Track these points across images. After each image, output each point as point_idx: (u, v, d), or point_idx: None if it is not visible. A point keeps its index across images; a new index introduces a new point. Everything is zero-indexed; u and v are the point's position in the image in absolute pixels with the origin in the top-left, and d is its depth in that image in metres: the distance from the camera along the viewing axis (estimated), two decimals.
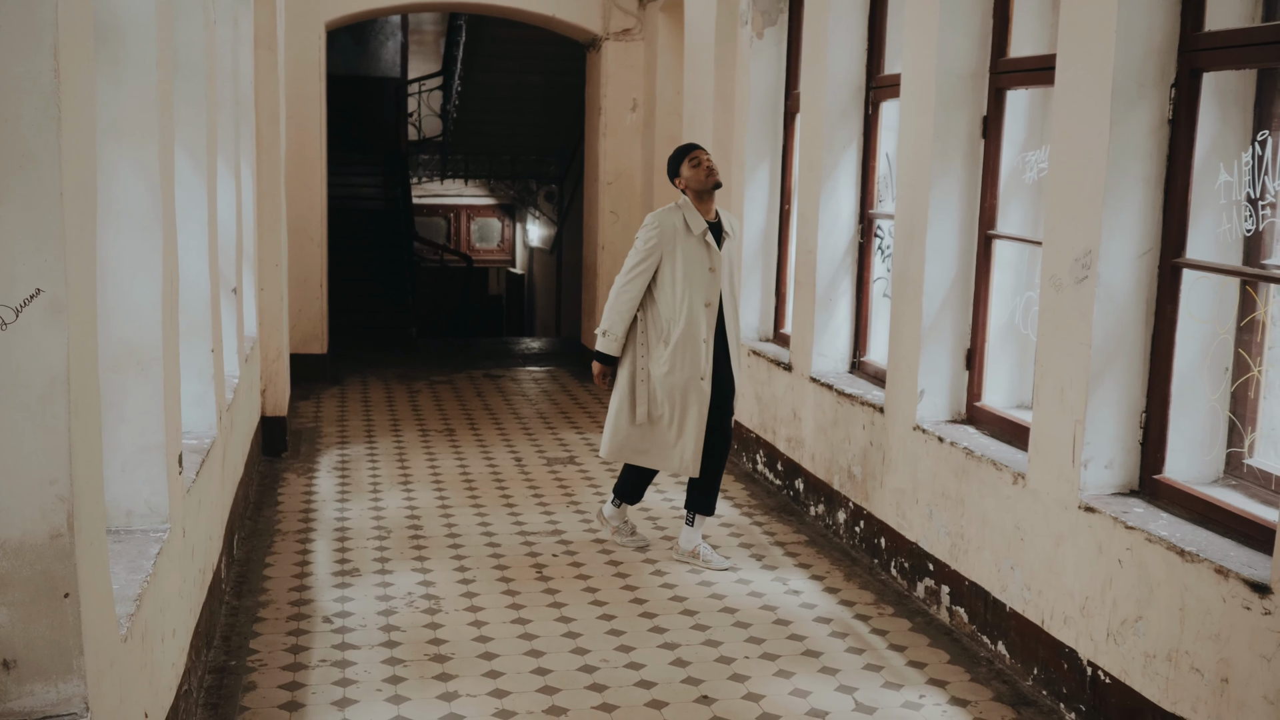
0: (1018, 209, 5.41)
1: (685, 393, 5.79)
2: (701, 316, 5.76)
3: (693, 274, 5.74)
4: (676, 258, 5.75)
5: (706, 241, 5.76)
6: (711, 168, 5.76)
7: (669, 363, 5.78)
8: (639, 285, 5.80)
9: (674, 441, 5.85)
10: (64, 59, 2.45)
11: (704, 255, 5.76)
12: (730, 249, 5.88)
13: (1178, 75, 4.15)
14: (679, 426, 5.82)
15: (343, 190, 15.39)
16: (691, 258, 5.74)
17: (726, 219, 5.91)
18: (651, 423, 5.86)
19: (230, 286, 6.25)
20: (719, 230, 5.84)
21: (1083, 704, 4.31)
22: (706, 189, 5.76)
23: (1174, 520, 4.06)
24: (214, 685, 4.55)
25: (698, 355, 5.77)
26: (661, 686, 4.61)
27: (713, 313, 5.77)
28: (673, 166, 5.85)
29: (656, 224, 5.79)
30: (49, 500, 2.49)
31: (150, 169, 3.66)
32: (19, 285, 2.42)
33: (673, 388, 5.80)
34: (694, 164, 5.76)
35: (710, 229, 5.80)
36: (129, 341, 3.70)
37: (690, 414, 5.81)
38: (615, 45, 11.29)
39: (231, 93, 6.31)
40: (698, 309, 5.75)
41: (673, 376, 5.78)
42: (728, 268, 5.85)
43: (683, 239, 5.75)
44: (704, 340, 5.77)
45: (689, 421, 5.80)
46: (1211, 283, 4.18)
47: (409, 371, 11.75)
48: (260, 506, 6.97)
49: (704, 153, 5.81)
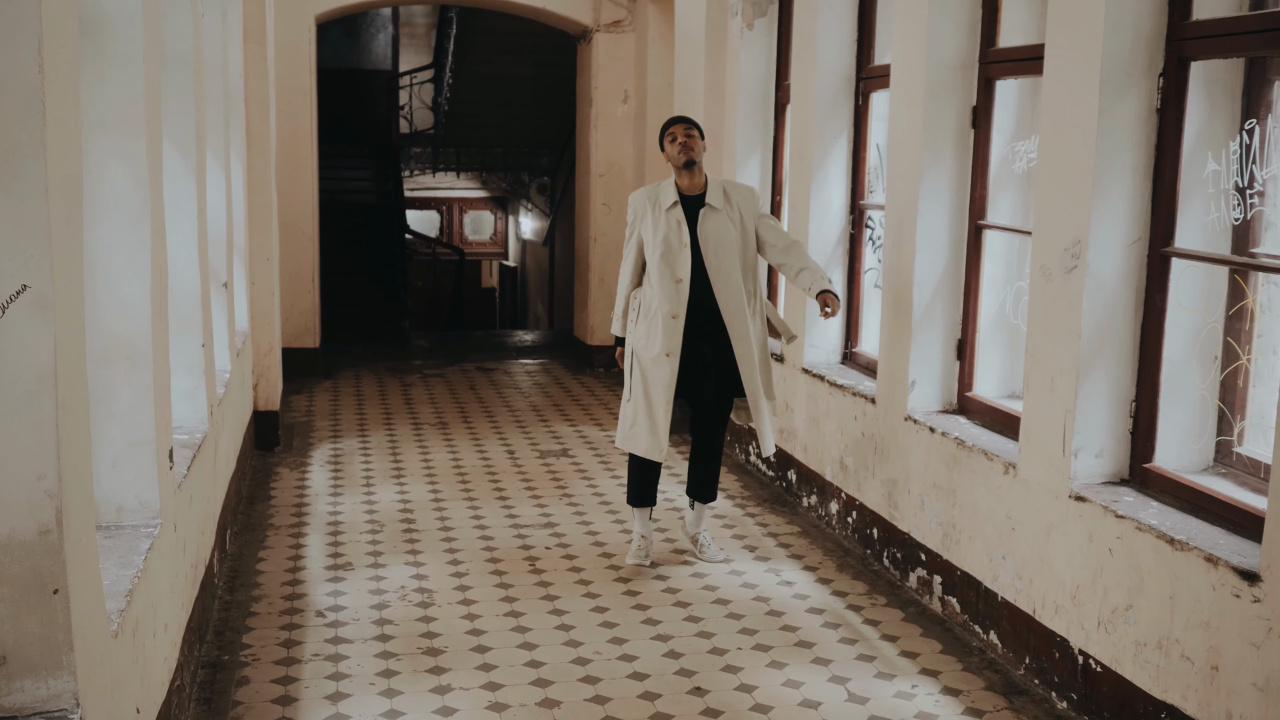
0: (1007, 199, 5.41)
1: (652, 369, 5.60)
2: (672, 291, 5.56)
3: (665, 249, 5.57)
4: (649, 233, 5.63)
5: (675, 217, 5.58)
6: (686, 143, 5.56)
7: (643, 338, 5.65)
8: (627, 265, 5.76)
9: (642, 420, 5.64)
10: (48, 53, 2.44)
11: (676, 229, 5.58)
12: (721, 222, 5.58)
13: (1166, 64, 4.15)
14: (647, 405, 5.64)
15: (334, 184, 15.35)
16: (662, 232, 5.58)
17: (720, 191, 5.63)
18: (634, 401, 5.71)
19: (221, 281, 6.25)
20: (699, 204, 5.61)
21: (1074, 692, 4.32)
22: (677, 165, 5.60)
23: (1164, 509, 4.07)
24: (207, 680, 4.55)
25: (667, 331, 5.56)
26: (654, 678, 4.62)
27: (684, 288, 5.55)
28: (660, 139, 5.74)
29: (631, 202, 5.74)
30: (37, 496, 2.49)
31: (138, 163, 3.65)
32: (4, 281, 2.41)
33: (642, 364, 5.64)
34: (670, 139, 5.62)
35: (691, 201, 5.61)
36: (118, 336, 3.69)
37: (654, 393, 5.60)
38: (606, 37, 11.28)
39: (220, 86, 6.29)
40: (668, 284, 5.56)
41: (644, 352, 5.63)
42: (722, 242, 5.57)
43: (654, 213, 5.62)
44: (673, 316, 5.55)
45: (654, 400, 5.61)
46: (1200, 271, 4.18)
47: (401, 365, 11.74)
48: (253, 501, 6.96)
49: (683, 127, 5.62)
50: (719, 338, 5.64)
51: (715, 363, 5.68)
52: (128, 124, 3.64)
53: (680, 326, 5.56)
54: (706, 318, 5.62)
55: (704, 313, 5.61)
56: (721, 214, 5.60)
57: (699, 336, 5.63)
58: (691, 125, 5.64)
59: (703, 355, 5.66)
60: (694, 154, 5.57)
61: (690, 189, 5.64)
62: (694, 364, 5.66)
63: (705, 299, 5.60)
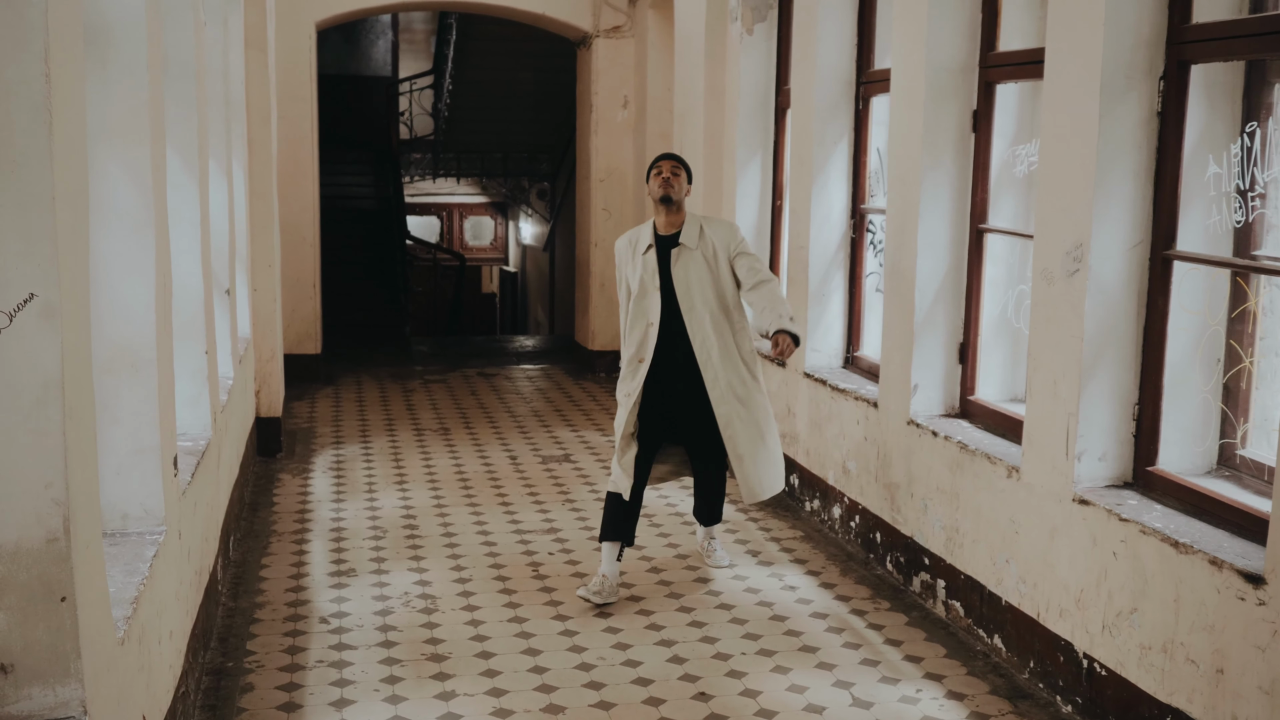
0: (1009, 203, 5.42)
1: (620, 409, 5.53)
2: (641, 335, 5.45)
3: (639, 292, 5.46)
4: (630, 277, 5.52)
5: (648, 261, 5.45)
6: (668, 180, 5.40)
7: (621, 383, 5.57)
8: (622, 315, 5.61)
9: (616, 455, 5.55)
10: (54, 62, 2.45)
11: (650, 273, 5.45)
12: (695, 262, 5.40)
13: (1166, 67, 4.16)
14: (617, 443, 5.55)
15: (335, 190, 15.37)
16: (637, 275, 5.47)
17: (696, 229, 5.45)
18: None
19: (223, 287, 6.25)
20: (673, 244, 5.44)
21: (1079, 696, 4.32)
22: (655, 199, 5.44)
23: (1168, 512, 4.08)
24: (211, 687, 4.55)
25: (632, 375, 5.48)
26: (659, 684, 4.62)
27: (653, 333, 5.40)
28: (647, 173, 5.58)
29: (616, 249, 5.66)
30: (45, 504, 2.49)
31: (141, 170, 3.66)
32: (12, 290, 2.42)
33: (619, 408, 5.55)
34: (656, 173, 5.46)
35: (666, 241, 5.46)
36: (122, 343, 3.69)
37: (621, 430, 5.49)
38: (606, 42, 11.29)
39: (222, 93, 6.30)
40: (639, 328, 5.47)
41: (621, 395, 5.54)
42: (692, 283, 5.39)
43: (632, 257, 5.52)
44: (639, 360, 5.45)
45: (619, 439, 5.51)
46: (1202, 274, 4.19)
47: (403, 370, 11.75)
48: (256, 507, 6.96)
49: (670, 164, 5.46)
50: (694, 382, 5.47)
51: (695, 402, 5.48)
52: (131, 132, 3.65)
53: (644, 370, 5.42)
54: (683, 359, 5.44)
55: (680, 354, 5.44)
56: (695, 252, 5.41)
57: (674, 378, 5.46)
58: (679, 164, 5.48)
59: (677, 395, 5.48)
60: (673, 191, 5.40)
61: (667, 228, 5.46)
62: (669, 405, 5.50)
63: (681, 340, 5.43)
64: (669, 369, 5.46)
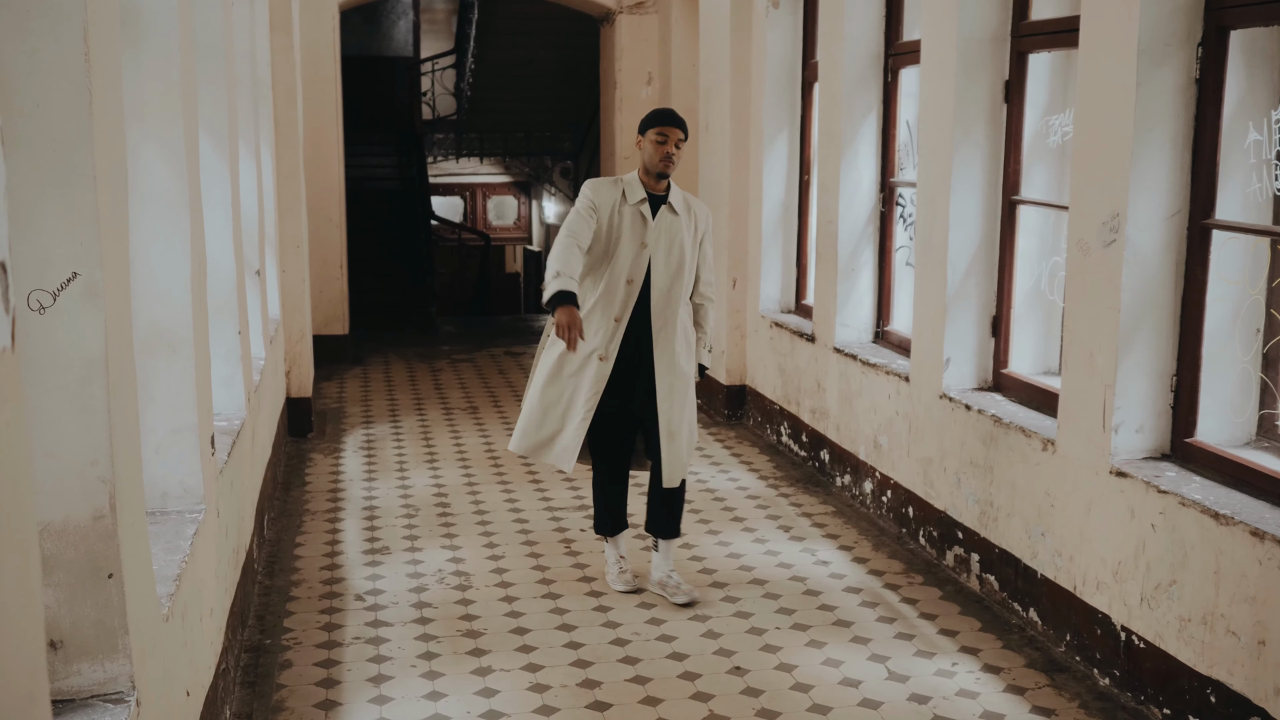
0: (1041, 174, 5.37)
1: (581, 371, 5.07)
2: (620, 292, 5.05)
3: (621, 245, 5.04)
4: (607, 224, 5.05)
5: (642, 214, 5.07)
6: (669, 155, 5.02)
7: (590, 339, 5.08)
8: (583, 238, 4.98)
9: (551, 422, 5.10)
10: (93, 43, 2.46)
11: (638, 227, 5.06)
12: (676, 228, 5.11)
13: (1204, 33, 4.11)
14: (562, 407, 5.09)
15: (359, 171, 15.39)
16: (624, 227, 5.05)
17: (683, 200, 5.18)
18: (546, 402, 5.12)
19: (254, 269, 6.27)
20: (660, 204, 5.12)
21: (1117, 669, 4.31)
22: (651, 169, 5.08)
23: (1207, 483, 4.05)
24: (250, 664, 4.59)
25: (605, 332, 5.05)
26: (694, 659, 4.63)
27: (633, 290, 5.04)
28: (642, 125, 5.10)
29: (590, 187, 5.13)
30: (91, 482, 2.51)
31: (175, 152, 3.67)
32: (56, 269, 2.43)
33: (567, 360, 5.07)
34: (658, 140, 5.03)
35: (652, 201, 5.12)
36: (159, 324, 3.71)
37: (577, 396, 5.06)
38: (629, 19, 11.24)
39: (249, 75, 6.31)
40: (618, 282, 5.05)
41: (568, 352, 4.98)
42: (673, 246, 5.09)
43: (619, 206, 5.06)
44: (615, 319, 5.04)
45: (574, 405, 5.07)
46: (1242, 243, 4.14)
47: (430, 350, 11.78)
48: (288, 487, 7.01)
49: (675, 133, 5.03)
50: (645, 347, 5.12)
51: (646, 374, 5.12)
52: (164, 113, 3.65)
53: (621, 330, 5.06)
54: (643, 325, 5.10)
55: (641, 320, 5.10)
56: (679, 219, 5.13)
57: (634, 343, 5.11)
58: (681, 132, 5.05)
59: (634, 363, 5.11)
60: (672, 167, 5.08)
61: (655, 188, 5.14)
62: (630, 371, 5.11)
63: (643, 305, 5.10)
64: (641, 333, 5.10)
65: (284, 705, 4.25)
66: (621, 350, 5.10)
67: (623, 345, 5.10)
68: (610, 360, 5.06)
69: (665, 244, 5.10)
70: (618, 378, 5.11)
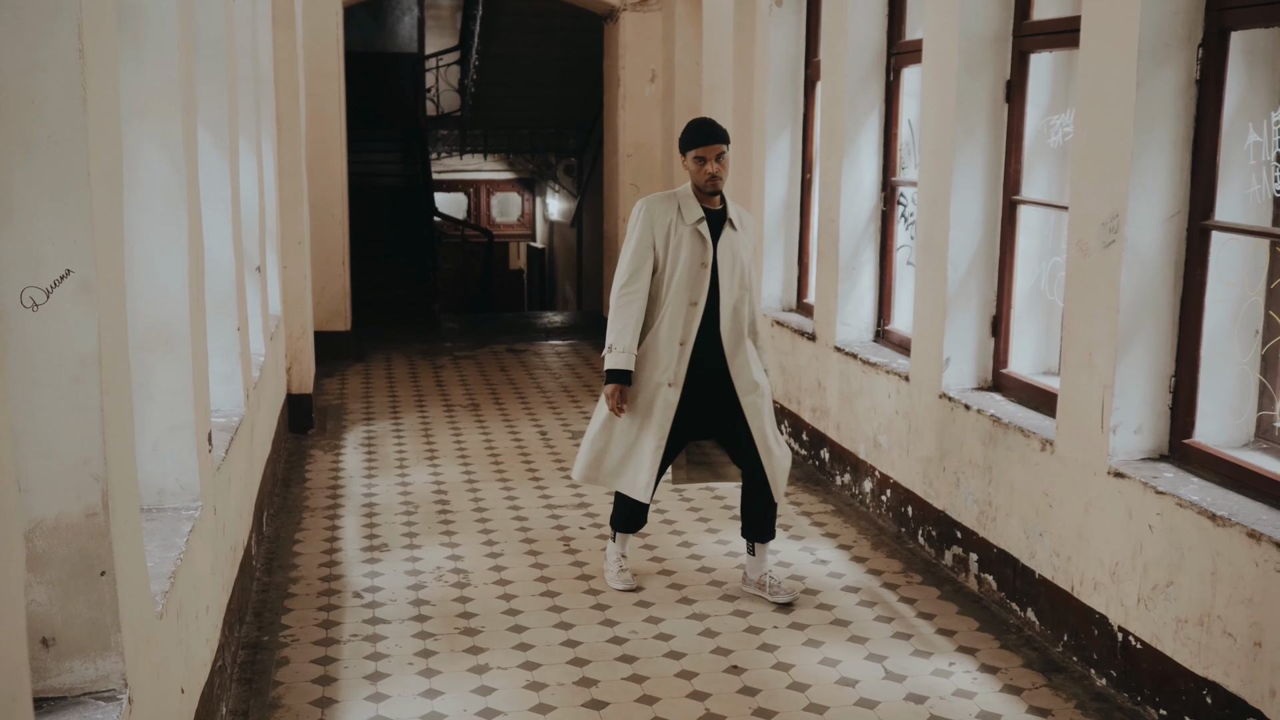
0: (1042, 174, 5.36)
1: (650, 401, 5.00)
2: (682, 317, 4.96)
3: (681, 266, 4.94)
4: (663, 247, 4.98)
5: (700, 233, 4.96)
6: (715, 174, 4.90)
7: (640, 365, 5.02)
8: (642, 286, 4.98)
9: (621, 454, 5.07)
10: (88, 38, 2.45)
11: (697, 248, 4.95)
12: (738, 245, 5.04)
13: (1205, 34, 4.10)
14: (634, 438, 5.04)
15: (363, 167, 15.40)
16: (686, 249, 4.95)
17: (735, 211, 5.09)
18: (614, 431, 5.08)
19: (254, 265, 6.27)
20: (721, 220, 5.04)
21: (1114, 669, 4.30)
22: (702, 190, 4.99)
23: (1204, 484, 4.04)
24: (247, 661, 4.59)
25: (669, 359, 4.96)
26: (691, 657, 4.63)
27: (697, 313, 4.95)
28: (682, 145, 4.99)
29: (644, 211, 5.02)
30: (84, 479, 2.51)
31: (174, 148, 3.66)
32: (49, 266, 2.43)
33: (638, 395, 5.02)
34: (699, 161, 4.90)
35: (710, 218, 5.02)
36: (157, 321, 3.71)
37: (649, 426, 5.00)
38: (633, 16, 11.23)
39: (251, 71, 6.31)
40: (679, 307, 4.95)
41: (640, 381, 5.00)
42: (734, 265, 5.02)
43: (676, 226, 4.97)
44: (680, 342, 4.96)
45: (646, 434, 5.01)
46: (1241, 244, 4.13)
47: (432, 347, 11.78)
48: (288, 483, 7.01)
49: (714, 148, 4.89)
50: (720, 368, 5.04)
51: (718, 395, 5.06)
52: (163, 109, 3.65)
53: (688, 354, 4.98)
54: (711, 346, 5.02)
55: (710, 341, 5.02)
56: (739, 235, 5.06)
57: (700, 365, 5.03)
58: (723, 147, 4.91)
59: (703, 387, 5.05)
60: (722, 184, 4.98)
61: (710, 205, 5.05)
62: (701, 394, 5.05)
63: (711, 325, 5.02)
64: (700, 355, 5.02)
65: (281, 702, 4.25)
66: (690, 373, 5.02)
67: (691, 367, 5.02)
68: (679, 386, 4.99)
69: (729, 261, 5.01)
70: (687, 402, 5.04)
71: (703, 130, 4.95)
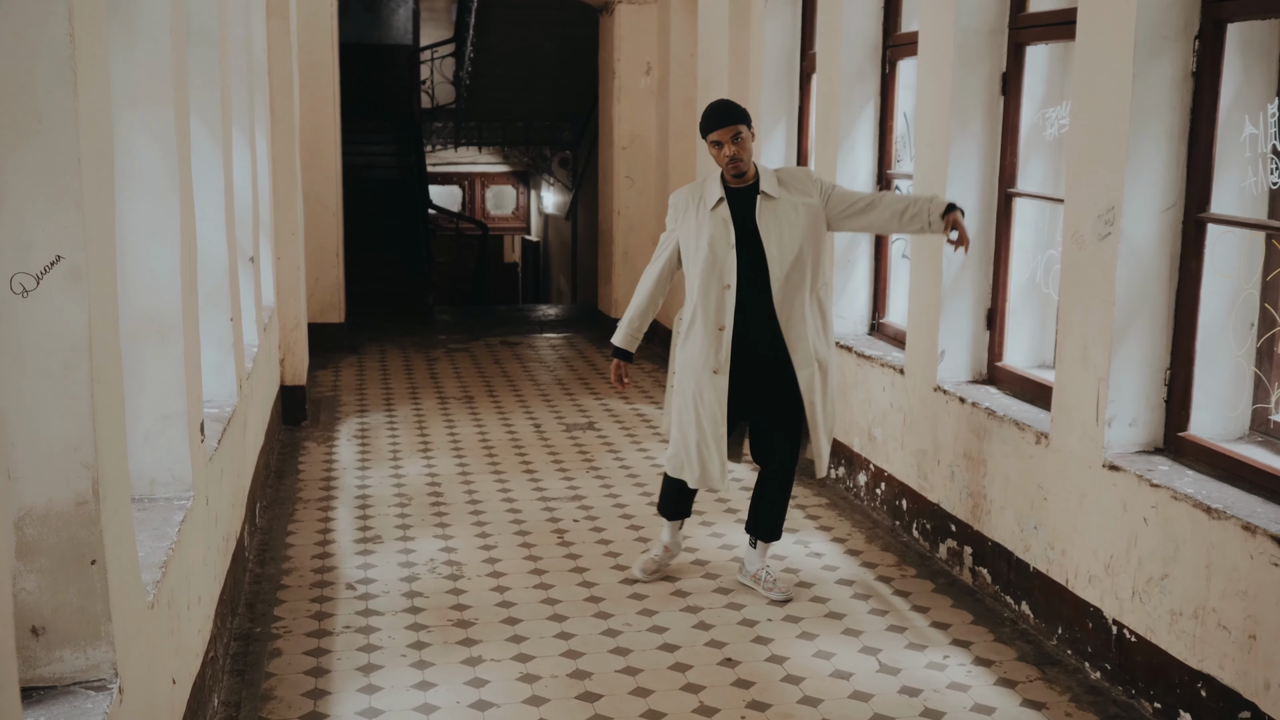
0: (1038, 166, 5.35)
1: (699, 390, 4.94)
2: (716, 300, 4.88)
3: (709, 252, 4.88)
4: (691, 236, 4.96)
5: (723, 215, 4.89)
6: (734, 156, 4.81)
7: (684, 355, 5.01)
8: (654, 269, 5.07)
9: (693, 448, 5.01)
10: (79, 23, 2.43)
11: (723, 230, 4.88)
12: (783, 211, 4.86)
13: (1201, 26, 4.08)
14: (697, 431, 4.98)
15: (357, 159, 15.35)
16: (707, 234, 4.89)
17: (773, 179, 4.92)
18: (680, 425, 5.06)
19: (247, 256, 6.25)
20: (753, 195, 4.90)
21: (1108, 662, 4.30)
22: (727, 174, 4.91)
23: (1199, 477, 4.03)
24: (240, 652, 4.58)
25: (711, 345, 4.89)
26: (685, 650, 4.62)
27: (730, 295, 4.85)
28: (701, 130, 4.92)
29: (673, 203, 5.09)
30: (73, 467, 2.50)
31: (166, 136, 3.64)
32: (39, 252, 2.41)
33: (686, 385, 5.00)
34: (716, 145, 4.83)
35: (738, 196, 4.91)
36: (148, 310, 3.69)
37: (703, 415, 4.95)
38: (628, 8, 11.20)
39: (245, 60, 6.28)
40: (713, 292, 4.88)
41: (686, 371, 4.99)
42: (785, 234, 4.84)
43: (698, 214, 4.95)
44: (719, 328, 4.88)
45: (705, 424, 4.95)
46: (1237, 237, 4.13)
47: (426, 339, 11.76)
48: (281, 475, 6.99)
49: (730, 130, 4.80)
50: (776, 347, 4.91)
51: (773, 377, 4.95)
52: (155, 97, 3.62)
53: (729, 339, 4.88)
54: (761, 326, 4.90)
55: (758, 321, 4.90)
56: (781, 201, 4.86)
57: (751, 348, 4.93)
58: (738, 127, 4.81)
59: (757, 370, 4.95)
60: (744, 165, 4.85)
61: (739, 183, 4.94)
62: (747, 381, 4.96)
63: (758, 304, 4.89)
64: (745, 339, 4.92)
65: (273, 694, 4.24)
66: (739, 355, 4.93)
67: (740, 350, 4.93)
68: (724, 372, 4.91)
69: (776, 233, 4.85)
70: (741, 385, 4.96)
71: (717, 113, 4.86)
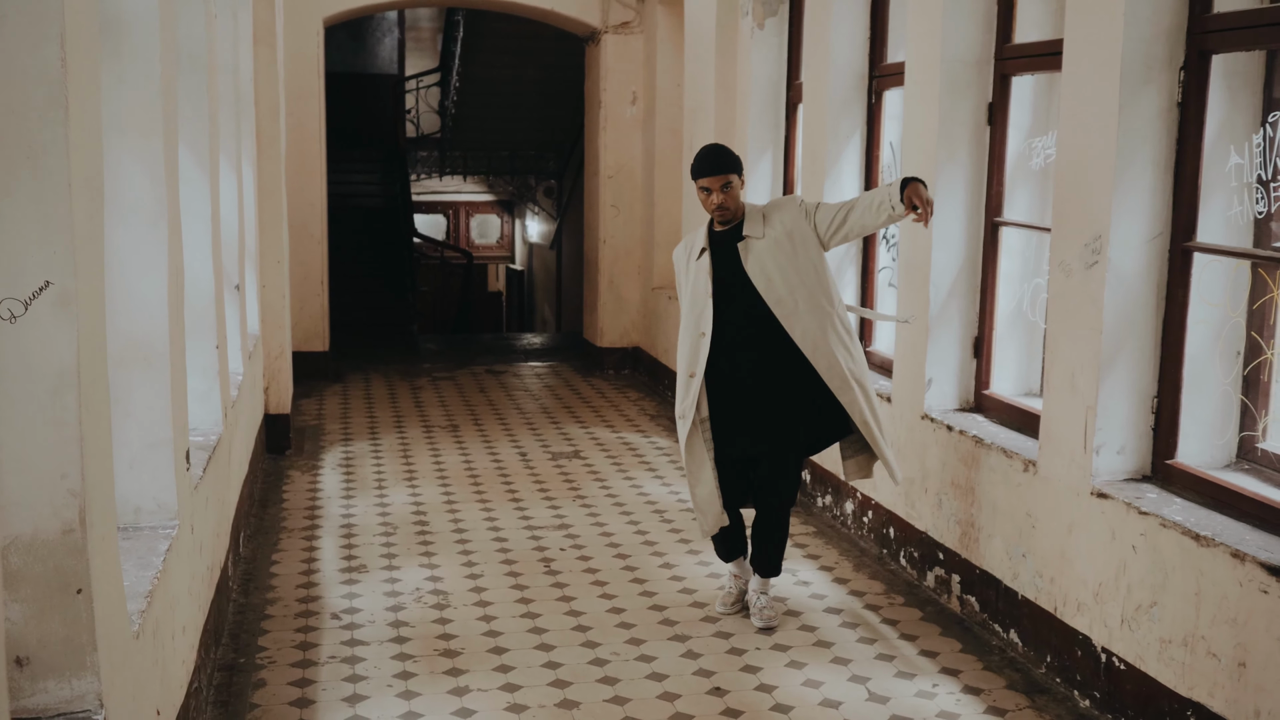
0: (1024, 195, 5.38)
1: (689, 442, 4.98)
2: (690, 348, 4.94)
3: (694, 302, 4.94)
4: (687, 287, 5.01)
5: (704, 264, 4.92)
6: (721, 205, 4.82)
7: (677, 403, 5.05)
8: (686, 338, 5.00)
9: (698, 498, 5.04)
10: (71, 50, 2.43)
11: (704, 281, 4.91)
12: (771, 249, 4.83)
13: (1187, 57, 4.12)
14: (690, 475, 5.04)
15: (342, 188, 15.36)
16: (689, 284, 4.99)
17: (758, 219, 4.89)
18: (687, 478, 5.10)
19: (233, 283, 6.23)
20: (736, 239, 4.89)
21: (1097, 690, 4.29)
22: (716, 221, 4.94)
23: (1188, 505, 4.04)
24: (224, 683, 4.53)
25: (688, 392, 4.94)
26: (673, 679, 4.59)
27: (705, 343, 4.86)
28: (691, 173, 4.92)
29: (675, 259, 5.15)
30: (60, 495, 2.47)
31: (155, 164, 3.63)
32: (28, 277, 2.40)
33: (681, 435, 5.03)
34: (704, 191, 4.82)
35: (724, 240, 4.92)
36: (135, 337, 3.67)
37: (692, 460, 5.00)
38: (614, 38, 11.26)
39: (232, 88, 6.28)
40: (687, 340, 4.95)
41: (680, 423, 5.02)
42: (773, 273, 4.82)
43: (689, 265, 5.02)
44: (690, 374, 4.92)
45: (693, 468, 5.01)
46: (1223, 266, 4.15)
47: (411, 368, 11.73)
48: (265, 504, 6.94)
49: (718, 179, 4.79)
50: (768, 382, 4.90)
51: (760, 415, 4.94)
52: (144, 125, 3.62)
53: (698, 385, 4.89)
54: (748, 368, 4.90)
55: (743, 362, 4.90)
56: (765, 241, 4.84)
57: (740, 389, 4.93)
58: (729, 176, 4.81)
59: (741, 410, 4.95)
60: (730, 213, 4.86)
61: (726, 226, 4.94)
62: (731, 421, 4.97)
63: (739, 345, 4.89)
64: (730, 380, 4.93)
65: None
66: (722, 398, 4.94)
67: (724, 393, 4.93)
68: (689, 417, 4.94)
69: (765, 273, 4.83)
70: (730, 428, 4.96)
71: (709, 159, 4.85)
